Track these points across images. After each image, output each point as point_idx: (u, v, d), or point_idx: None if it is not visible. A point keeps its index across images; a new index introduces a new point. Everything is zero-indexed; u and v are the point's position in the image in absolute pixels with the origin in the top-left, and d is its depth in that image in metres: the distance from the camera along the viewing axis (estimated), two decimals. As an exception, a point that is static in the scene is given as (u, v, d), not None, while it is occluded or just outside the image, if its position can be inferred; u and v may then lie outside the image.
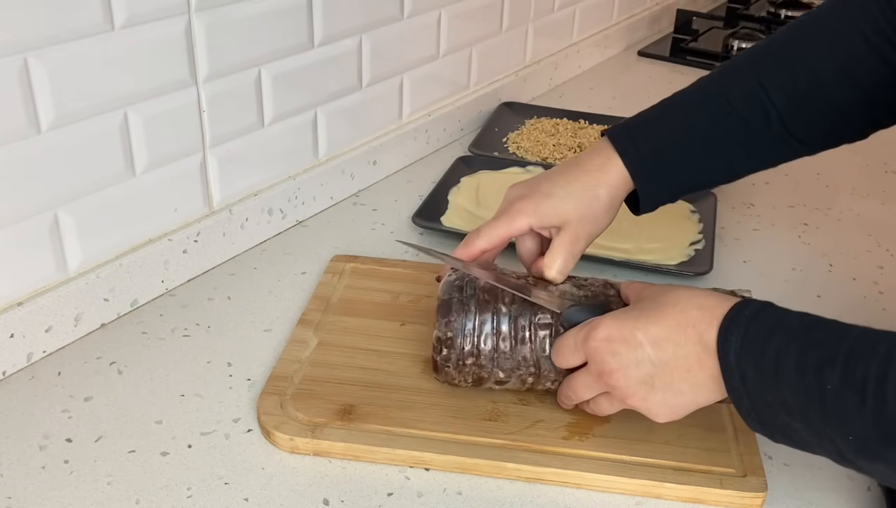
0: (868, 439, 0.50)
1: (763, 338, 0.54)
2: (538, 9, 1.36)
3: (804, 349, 0.52)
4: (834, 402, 0.50)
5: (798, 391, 0.52)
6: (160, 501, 0.61)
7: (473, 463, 0.64)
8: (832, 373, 0.51)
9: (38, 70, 0.68)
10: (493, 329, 0.66)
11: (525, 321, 0.67)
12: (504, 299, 0.67)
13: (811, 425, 0.53)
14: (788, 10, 1.90)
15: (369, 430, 0.66)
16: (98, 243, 0.78)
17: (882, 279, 0.94)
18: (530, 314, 0.67)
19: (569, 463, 0.64)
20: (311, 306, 0.81)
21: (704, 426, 0.68)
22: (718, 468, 0.64)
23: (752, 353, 0.54)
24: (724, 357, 0.56)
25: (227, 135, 0.87)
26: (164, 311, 0.82)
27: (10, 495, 0.61)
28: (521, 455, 0.65)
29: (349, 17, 0.97)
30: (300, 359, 0.73)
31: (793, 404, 0.53)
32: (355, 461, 0.65)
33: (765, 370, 0.54)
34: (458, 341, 0.67)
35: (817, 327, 0.54)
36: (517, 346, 0.66)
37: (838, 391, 0.50)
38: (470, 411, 0.69)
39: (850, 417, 0.50)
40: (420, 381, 0.72)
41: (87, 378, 0.73)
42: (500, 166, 1.10)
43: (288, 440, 0.65)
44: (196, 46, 0.80)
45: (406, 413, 0.68)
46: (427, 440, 0.66)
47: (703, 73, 0.79)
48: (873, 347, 0.50)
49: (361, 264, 0.88)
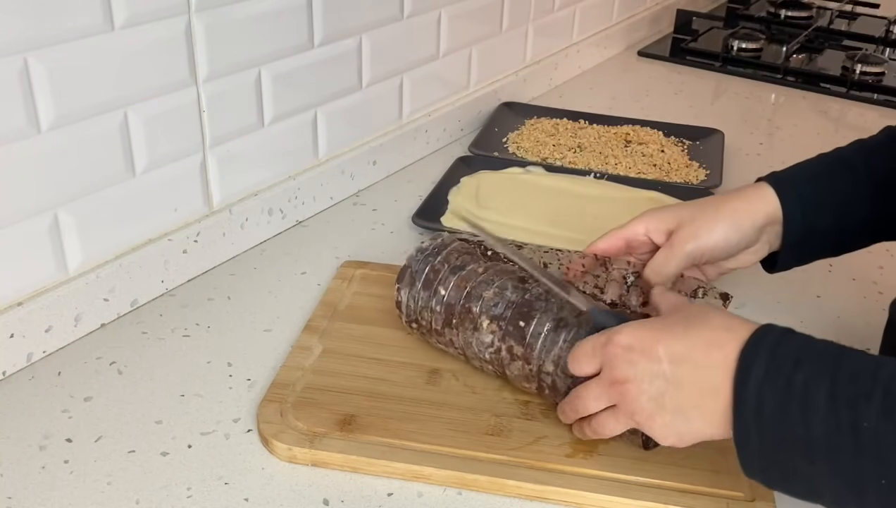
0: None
1: (791, 366, 0.50)
2: (538, 9, 1.36)
3: (836, 380, 0.49)
4: (871, 440, 0.47)
5: (829, 425, 0.48)
6: (160, 501, 0.61)
7: (473, 479, 0.63)
8: (868, 408, 0.47)
9: (38, 70, 0.68)
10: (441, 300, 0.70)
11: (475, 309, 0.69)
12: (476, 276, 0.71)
13: (838, 466, 0.48)
14: (788, 10, 1.89)
15: (368, 441, 0.65)
16: (98, 243, 0.78)
17: (882, 279, 0.94)
18: (482, 304, 0.68)
19: (571, 482, 0.63)
20: (319, 312, 0.80)
21: (714, 447, 0.64)
22: (726, 491, 0.62)
23: (777, 382, 0.50)
24: (742, 385, 0.52)
25: (227, 135, 0.87)
26: (164, 311, 0.82)
27: (10, 495, 0.61)
28: (523, 472, 0.63)
29: (349, 17, 0.97)
30: (303, 366, 0.73)
31: (820, 441, 0.48)
32: (353, 472, 0.64)
33: (790, 402, 0.49)
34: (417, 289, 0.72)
35: (849, 357, 0.50)
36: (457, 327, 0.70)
37: (875, 428, 0.46)
38: (472, 424, 0.68)
39: (889, 456, 0.46)
40: (423, 392, 0.71)
41: (87, 378, 0.73)
42: (500, 166, 1.10)
43: (286, 449, 0.65)
44: (196, 46, 0.80)
45: (407, 425, 0.67)
46: (427, 453, 0.64)
47: (703, 73, 0.79)
48: None
49: (371, 270, 0.87)
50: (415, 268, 0.73)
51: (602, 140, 1.20)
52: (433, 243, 0.74)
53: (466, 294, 0.70)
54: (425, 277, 0.72)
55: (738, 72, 1.58)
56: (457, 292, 0.70)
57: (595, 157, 1.15)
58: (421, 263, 0.72)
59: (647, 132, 1.23)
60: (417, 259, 0.73)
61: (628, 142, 1.21)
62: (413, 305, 0.73)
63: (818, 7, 1.95)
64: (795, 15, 1.89)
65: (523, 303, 0.67)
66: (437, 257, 0.72)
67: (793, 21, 1.87)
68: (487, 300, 0.68)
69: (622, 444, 0.66)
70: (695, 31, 1.79)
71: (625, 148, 1.19)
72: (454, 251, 0.73)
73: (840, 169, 0.74)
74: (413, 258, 0.73)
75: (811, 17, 1.90)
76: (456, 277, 0.71)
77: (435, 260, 0.72)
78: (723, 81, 1.55)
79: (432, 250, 0.73)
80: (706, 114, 1.38)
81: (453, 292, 0.70)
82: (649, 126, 1.25)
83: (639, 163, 1.14)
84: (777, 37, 1.76)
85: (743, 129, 1.31)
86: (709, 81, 1.55)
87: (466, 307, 0.69)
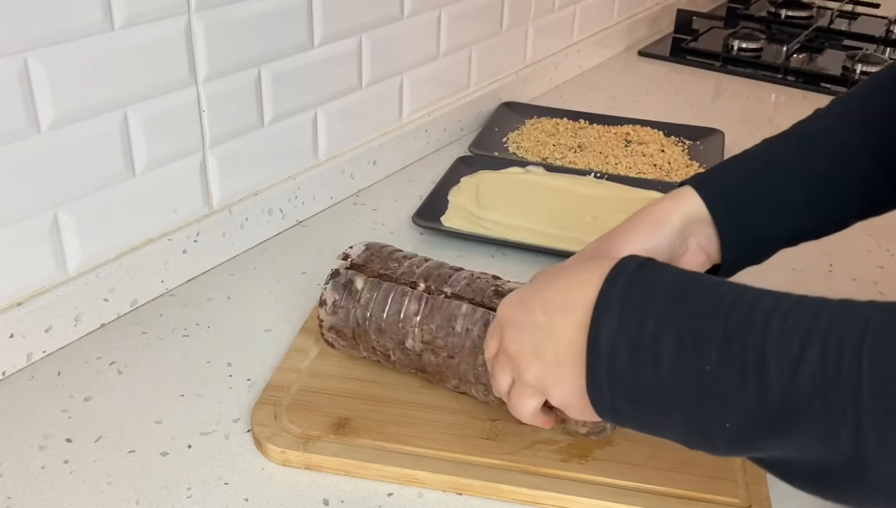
0: (747, 426, 0.44)
1: (640, 314, 0.47)
2: (538, 9, 1.36)
3: (681, 325, 0.46)
4: (712, 383, 0.44)
5: (676, 375, 0.45)
6: (160, 501, 0.61)
7: (467, 483, 0.63)
8: (710, 351, 0.44)
9: (38, 70, 0.68)
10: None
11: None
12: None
13: (687, 416, 0.46)
14: (789, 10, 1.89)
15: (362, 445, 0.65)
16: (98, 243, 0.78)
17: (882, 279, 0.94)
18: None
19: (566, 487, 0.62)
20: (315, 313, 0.80)
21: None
22: (722, 497, 0.62)
23: (629, 332, 0.47)
24: (594, 340, 0.48)
25: (227, 135, 0.87)
26: (163, 311, 0.82)
27: (10, 495, 0.61)
28: (518, 477, 0.63)
29: (349, 17, 0.97)
30: (298, 369, 0.73)
31: (670, 393, 0.46)
32: (346, 476, 0.64)
33: (640, 353, 0.46)
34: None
35: (694, 291, 0.47)
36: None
37: (715, 371, 0.44)
38: (467, 428, 0.67)
39: (730, 401, 0.44)
40: (418, 395, 0.70)
41: (86, 378, 0.73)
42: (500, 166, 1.10)
43: (279, 452, 0.64)
44: (196, 46, 0.80)
45: (401, 429, 0.67)
46: (420, 457, 0.64)
47: (703, 72, 0.79)
48: (750, 316, 0.44)
49: None
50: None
51: (602, 140, 1.20)
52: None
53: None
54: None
55: (739, 72, 1.58)
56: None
57: (595, 157, 1.15)
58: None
59: (647, 132, 1.23)
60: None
61: (628, 142, 1.21)
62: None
63: (818, 7, 1.95)
64: (796, 15, 1.89)
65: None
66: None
67: (793, 21, 1.87)
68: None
69: (617, 450, 0.65)
70: (695, 31, 1.79)
71: (625, 148, 1.19)
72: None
73: (767, 168, 0.68)
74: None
75: (811, 17, 1.90)
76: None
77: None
78: (723, 81, 1.55)
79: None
80: (706, 114, 1.38)
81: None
82: (649, 126, 1.25)
83: (639, 163, 1.14)
84: (777, 37, 1.76)
85: (743, 129, 1.31)
86: (709, 80, 1.55)
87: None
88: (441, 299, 0.67)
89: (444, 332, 0.66)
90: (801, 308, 0.44)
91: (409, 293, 0.68)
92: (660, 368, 0.46)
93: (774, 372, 0.42)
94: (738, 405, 0.44)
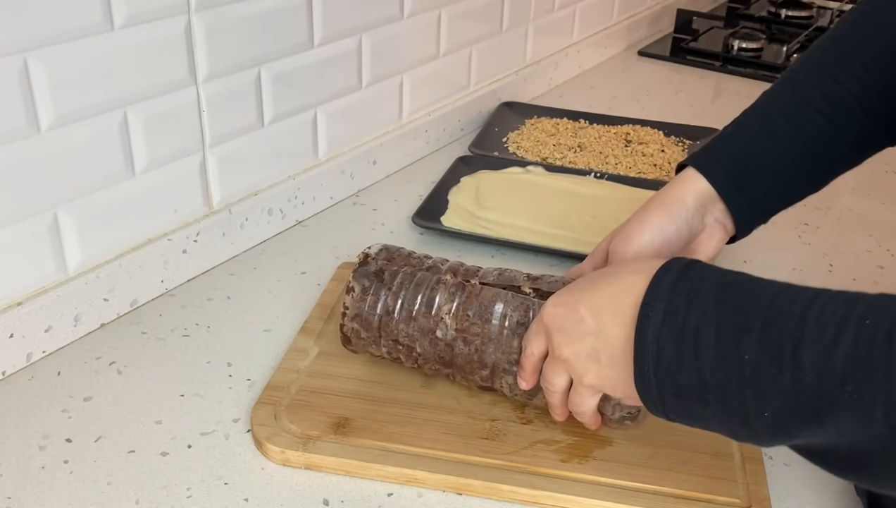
0: (784, 413, 0.45)
1: (685, 308, 0.49)
2: (538, 9, 1.36)
3: (721, 317, 0.48)
4: (751, 372, 0.46)
5: (717, 368, 0.47)
6: (160, 501, 0.61)
7: (467, 483, 0.62)
8: (748, 340, 0.46)
9: (38, 70, 0.68)
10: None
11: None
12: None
13: (727, 406, 0.48)
14: (789, 10, 1.89)
15: (362, 445, 0.65)
16: (97, 243, 0.78)
17: (882, 279, 0.94)
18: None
19: (566, 487, 0.62)
20: (315, 314, 0.80)
21: (711, 453, 0.65)
22: (722, 497, 0.62)
23: (674, 328, 0.49)
24: (641, 337, 0.50)
25: (227, 135, 0.87)
26: (163, 311, 0.82)
27: (10, 495, 0.61)
28: (518, 477, 0.63)
29: (349, 17, 0.97)
30: (298, 369, 0.73)
31: (711, 385, 0.48)
32: (346, 476, 0.64)
33: (684, 348, 0.48)
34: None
35: (738, 288, 0.49)
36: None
37: (755, 361, 0.46)
38: (468, 428, 0.67)
39: (767, 389, 0.45)
40: (418, 395, 0.70)
41: (86, 378, 0.73)
42: (500, 166, 1.10)
43: (279, 452, 0.64)
44: (196, 46, 0.80)
45: (402, 429, 0.66)
46: (420, 457, 0.64)
47: (703, 72, 0.79)
48: (789, 307, 0.46)
49: None
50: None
51: (602, 140, 1.20)
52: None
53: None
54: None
55: (739, 71, 1.57)
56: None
57: (595, 157, 1.15)
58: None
59: (647, 132, 1.23)
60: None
61: (628, 142, 1.21)
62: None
63: (818, 7, 1.95)
64: (796, 15, 1.89)
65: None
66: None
67: (793, 21, 1.87)
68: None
69: (617, 449, 0.66)
70: (695, 31, 1.79)
71: (625, 148, 1.19)
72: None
73: (764, 140, 0.71)
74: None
75: (811, 17, 1.90)
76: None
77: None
78: (723, 81, 1.55)
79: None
80: (706, 114, 1.38)
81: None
82: (649, 126, 1.25)
83: (639, 163, 1.14)
84: (777, 36, 1.76)
85: (743, 128, 1.31)
86: (709, 80, 1.55)
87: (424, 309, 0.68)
88: (477, 286, 0.67)
89: (481, 318, 0.65)
90: (839, 299, 0.45)
91: (445, 282, 0.67)
92: (702, 361, 0.48)
93: (809, 358, 0.43)
94: (775, 392, 0.45)
